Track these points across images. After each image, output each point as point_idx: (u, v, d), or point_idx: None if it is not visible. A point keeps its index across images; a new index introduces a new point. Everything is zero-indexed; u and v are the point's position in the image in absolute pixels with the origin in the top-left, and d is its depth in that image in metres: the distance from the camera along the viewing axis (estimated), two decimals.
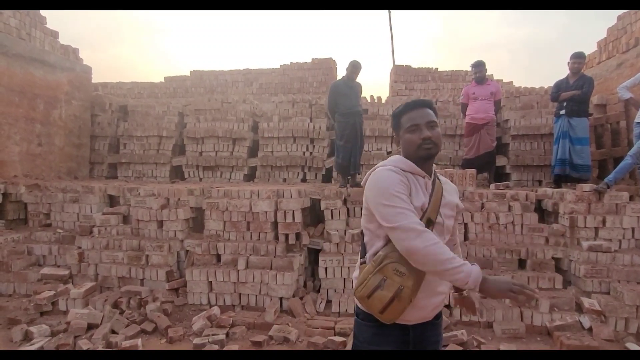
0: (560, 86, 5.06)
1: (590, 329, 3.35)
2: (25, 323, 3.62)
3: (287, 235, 4.32)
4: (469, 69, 10.01)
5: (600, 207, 4.12)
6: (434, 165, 1.56)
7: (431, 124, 1.49)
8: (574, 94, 4.90)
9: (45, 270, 4.31)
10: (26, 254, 4.62)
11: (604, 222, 4.06)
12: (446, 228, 1.50)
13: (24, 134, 5.81)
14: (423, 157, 1.48)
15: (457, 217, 1.66)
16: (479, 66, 5.45)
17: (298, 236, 4.38)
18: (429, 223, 1.43)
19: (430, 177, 1.52)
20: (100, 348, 3.15)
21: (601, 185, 4.17)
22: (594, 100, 5.89)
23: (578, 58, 4.95)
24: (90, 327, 3.50)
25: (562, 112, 5.02)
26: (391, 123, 1.64)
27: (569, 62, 5.00)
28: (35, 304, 3.81)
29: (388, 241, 1.43)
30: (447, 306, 3.71)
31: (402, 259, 1.37)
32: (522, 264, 4.11)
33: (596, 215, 4.09)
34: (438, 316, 1.57)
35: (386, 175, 1.44)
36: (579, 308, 3.61)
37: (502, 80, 9.47)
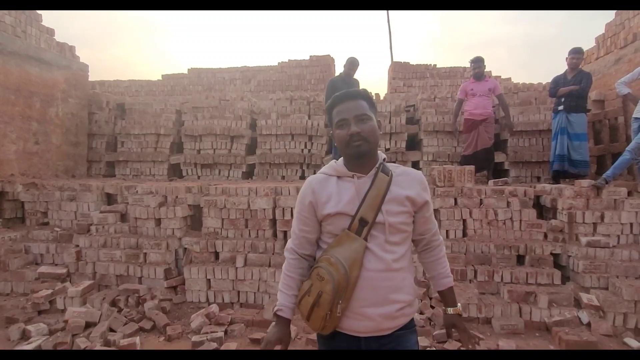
0: (558, 82, 5.06)
1: (588, 325, 3.35)
2: (23, 322, 3.61)
3: (285, 233, 4.31)
4: (468, 65, 10.15)
5: (599, 203, 4.12)
6: (380, 156, 1.43)
7: (361, 117, 1.36)
8: (572, 90, 4.90)
9: (43, 269, 4.29)
10: (23, 253, 4.60)
11: (602, 217, 4.05)
12: (391, 226, 1.34)
13: (20, 132, 5.77)
14: (353, 155, 1.37)
15: (423, 212, 1.44)
16: (478, 62, 5.44)
17: None
18: (363, 223, 1.33)
19: (368, 173, 1.38)
20: (98, 346, 3.13)
21: (599, 180, 4.17)
22: (592, 96, 5.88)
23: (576, 54, 4.94)
24: (88, 325, 3.49)
25: (560, 107, 5.01)
26: (326, 117, 1.59)
27: (567, 58, 5.00)
28: (33, 303, 3.80)
29: (324, 247, 1.42)
30: None
31: (327, 264, 1.31)
32: (520, 259, 4.11)
33: (594, 210, 4.08)
34: (406, 326, 1.39)
35: (300, 191, 1.47)
36: (578, 303, 3.62)
37: (500, 77, 9.47)
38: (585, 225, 4.08)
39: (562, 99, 4.98)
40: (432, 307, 3.62)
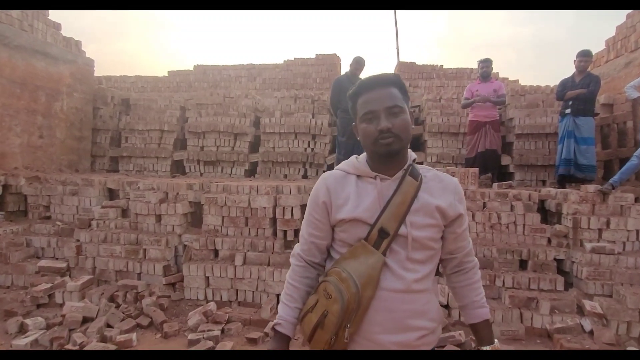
0: (566, 85, 4.97)
1: (591, 332, 3.29)
2: (21, 315, 3.62)
3: (285, 232, 4.28)
4: (474, 67, 10.05)
5: (605, 209, 4.04)
6: (411, 157, 1.23)
7: (394, 110, 1.15)
8: (579, 93, 4.81)
9: (43, 263, 4.31)
10: (25, 246, 4.62)
11: (608, 223, 3.98)
12: (415, 241, 1.14)
13: (25, 125, 5.80)
14: (381, 155, 1.16)
15: (455, 227, 1.22)
16: (487, 62, 5.39)
17: (297, 233, 4.33)
18: (383, 235, 1.13)
19: (394, 175, 1.19)
20: (94, 342, 3.13)
21: (606, 186, 4.09)
22: (600, 100, 5.78)
23: (584, 56, 4.86)
24: (86, 320, 3.49)
25: (568, 111, 4.93)
26: (349, 107, 1.28)
27: (575, 60, 4.91)
28: (32, 296, 3.81)
29: (336, 257, 1.23)
30: (446, 306, 3.66)
31: (337, 278, 1.12)
32: (523, 264, 4.04)
33: (600, 216, 4.01)
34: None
35: (313, 189, 1.27)
36: (580, 311, 3.55)
37: (507, 78, 9.37)
38: (590, 231, 4.01)
39: (570, 102, 4.90)
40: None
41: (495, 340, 1.27)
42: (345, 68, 11.24)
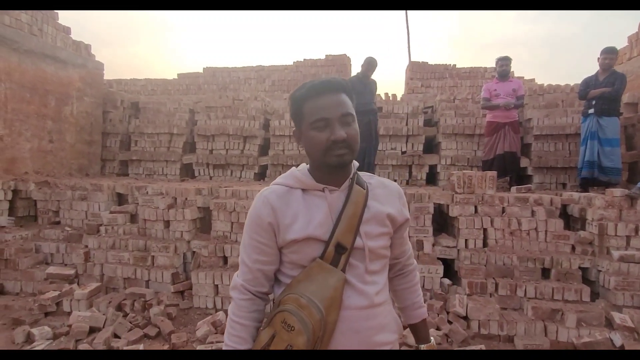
0: (589, 83, 4.75)
1: (622, 348, 3.08)
2: (29, 324, 3.56)
3: None
4: (488, 65, 9.80)
5: (633, 214, 3.82)
6: (355, 165, 1.16)
7: (347, 119, 1.07)
8: (603, 92, 4.59)
9: (51, 270, 4.26)
10: (34, 252, 4.58)
11: (636, 230, 3.76)
12: (371, 252, 1.09)
13: (35, 130, 5.79)
14: (332, 166, 1.07)
15: (401, 232, 1.20)
16: (506, 60, 5.17)
17: None
18: (340, 250, 1.05)
19: (341, 185, 1.11)
20: None
21: (634, 190, 3.87)
22: (624, 99, 5.52)
23: (609, 54, 4.63)
24: (93, 330, 3.41)
25: (591, 111, 4.71)
26: (289, 109, 1.16)
27: (599, 58, 4.69)
28: (40, 305, 3.75)
29: (286, 282, 1.11)
30: (465, 317, 3.49)
31: (296, 306, 1.00)
32: (545, 273, 3.85)
33: (628, 222, 3.79)
34: None
35: (251, 209, 1.13)
36: (609, 323, 3.35)
37: (523, 77, 9.11)
38: (618, 238, 3.80)
39: (593, 102, 4.67)
40: (450, 322, 3.41)
41: (432, 339, 1.30)
42: (355, 69, 11.09)
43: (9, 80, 5.38)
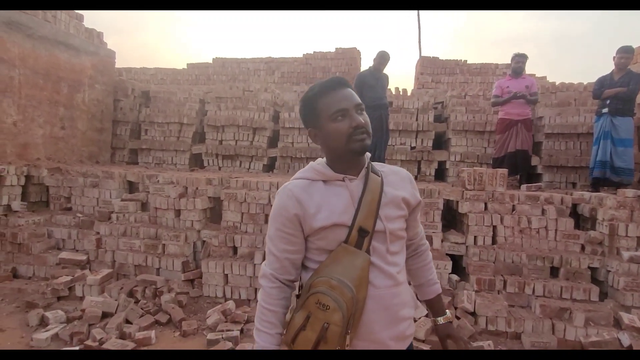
0: (603, 82, 4.70)
1: (629, 348, 3.09)
2: (42, 307, 3.63)
3: None
4: (499, 62, 9.69)
5: None
6: (367, 155, 1.25)
7: (360, 108, 1.18)
8: (618, 92, 4.54)
9: (64, 255, 4.32)
10: (46, 237, 4.65)
11: None
12: (392, 234, 1.19)
13: (47, 117, 5.83)
14: (357, 152, 1.17)
15: (415, 214, 1.30)
16: (522, 57, 5.12)
17: None
18: (363, 234, 1.14)
19: (359, 174, 1.21)
20: (113, 338, 3.10)
21: None
22: (639, 99, 5.47)
23: (625, 53, 4.58)
24: (105, 315, 3.47)
25: (605, 110, 4.67)
26: (300, 113, 1.27)
27: (614, 57, 4.64)
28: (53, 289, 3.81)
29: (314, 267, 1.19)
30: (472, 313, 3.51)
31: (328, 287, 1.09)
32: (554, 272, 3.86)
33: (639, 224, 3.78)
34: (408, 349, 1.26)
35: (276, 202, 1.21)
36: (618, 324, 3.35)
37: (535, 75, 9.01)
38: (628, 239, 3.79)
39: (607, 101, 4.63)
40: (458, 317, 3.43)
41: (447, 311, 1.41)
42: (365, 62, 11.05)
43: (23, 66, 5.41)
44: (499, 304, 3.49)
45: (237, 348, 2.99)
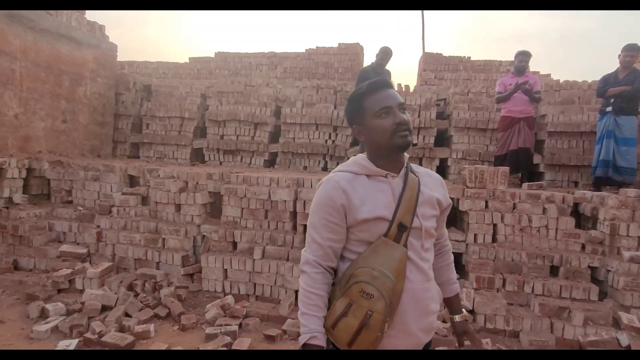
0: (608, 81, 4.66)
1: (628, 348, 3.09)
2: (42, 300, 3.66)
3: (305, 226, 4.17)
4: (503, 59, 9.63)
5: None
6: (406, 157, 1.33)
7: (403, 106, 1.27)
8: (623, 90, 4.50)
9: (64, 248, 4.34)
10: (47, 230, 4.66)
11: None
12: (426, 231, 1.27)
13: (49, 110, 5.83)
14: (399, 147, 1.24)
15: (443, 215, 1.40)
16: (526, 55, 5.06)
17: None
18: (402, 229, 1.21)
19: (399, 172, 1.28)
20: (113, 331, 3.12)
21: None
22: None
23: (631, 51, 4.52)
24: (105, 308, 3.49)
25: (609, 109, 4.63)
26: (345, 112, 1.37)
27: (619, 55, 4.59)
28: (53, 281, 3.83)
29: (351, 258, 1.26)
30: (471, 311, 3.51)
31: (370, 277, 1.16)
32: (554, 271, 3.85)
33: None
34: (427, 345, 1.33)
35: (321, 192, 1.27)
36: (616, 323, 3.34)
37: (539, 72, 8.95)
38: (629, 239, 3.77)
39: (611, 100, 4.59)
40: None
41: (464, 310, 1.50)
42: (368, 58, 10.99)
43: (25, 58, 5.41)
44: (498, 302, 3.49)
45: (235, 343, 3.00)
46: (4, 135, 5.19)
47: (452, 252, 1.55)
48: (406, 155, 1.33)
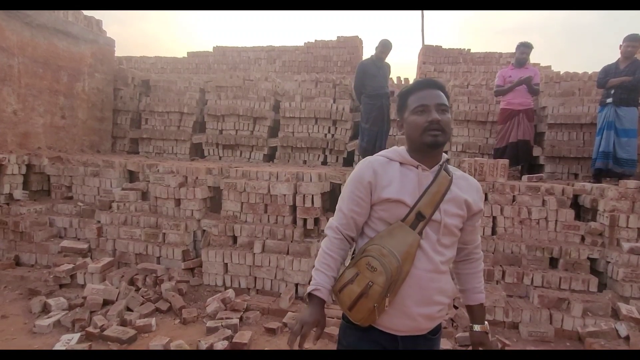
0: (609, 71, 4.63)
1: (627, 338, 3.10)
2: (45, 295, 3.67)
3: (305, 220, 4.19)
4: (503, 51, 9.56)
5: None
6: (445, 156, 1.39)
7: (442, 107, 1.31)
8: (624, 81, 4.47)
9: (65, 243, 4.35)
10: (48, 226, 4.68)
11: None
12: (445, 227, 1.30)
13: (47, 106, 5.82)
14: (428, 145, 1.29)
15: (473, 221, 1.41)
16: (527, 47, 5.02)
17: (316, 221, 4.24)
18: (420, 218, 1.28)
19: (432, 168, 1.34)
20: (114, 325, 3.14)
21: None
22: None
23: (632, 41, 4.49)
24: (106, 302, 3.51)
25: (609, 100, 4.60)
26: (397, 104, 1.45)
27: (621, 45, 4.55)
28: (55, 276, 3.85)
29: (370, 235, 1.37)
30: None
31: (379, 254, 1.25)
32: (553, 263, 3.86)
33: None
34: (434, 331, 1.39)
35: (355, 170, 1.39)
36: (615, 314, 3.36)
37: (539, 64, 8.90)
38: (629, 230, 3.77)
39: (612, 91, 4.57)
40: (455, 307, 3.45)
41: (486, 322, 1.49)
42: (367, 51, 10.92)
43: (22, 54, 5.38)
44: (497, 294, 3.50)
45: (236, 336, 3.01)
46: (3, 132, 5.19)
47: None
48: (446, 155, 1.39)
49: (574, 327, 3.28)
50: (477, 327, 1.47)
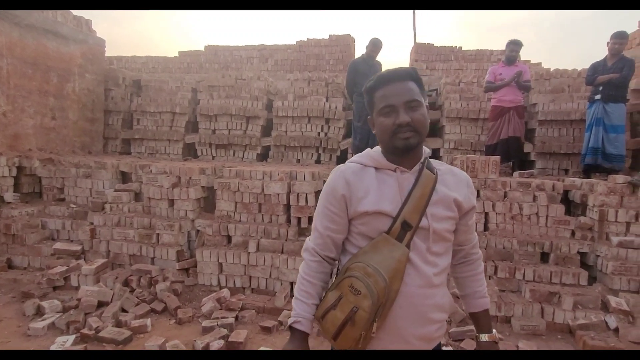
0: (597, 68, 4.70)
1: (616, 330, 3.17)
2: (38, 297, 3.65)
3: (299, 219, 4.21)
4: (494, 48, 9.64)
5: (634, 201, 3.85)
6: (425, 151, 1.22)
7: (412, 104, 1.14)
8: (611, 78, 4.54)
9: (58, 245, 4.32)
10: (40, 228, 4.64)
11: (637, 217, 3.80)
12: (435, 234, 1.16)
13: (37, 107, 5.76)
14: (399, 149, 1.15)
15: (467, 219, 1.26)
16: (517, 45, 5.08)
17: (311, 220, 4.25)
18: (406, 228, 1.13)
19: (412, 168, 1.18)
20: (110, 326, 3.13)
21: (636, 177, 3.90)
22: (631, 85, 5.46)
23: (619, 38, 4.56)
24: (101, 304, 3.49)
25: (597, 97, 4.67)
26: (365, 101, 1.28)
27: (608, 43, 4.62)
28: (48, 279, 3.83)
29: (353, 252, 1.22)
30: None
31: (363, 273, 1.10)
32: (544, 257, 3.92)
33: (629, 209, 3.83)
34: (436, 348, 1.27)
35: (328, 181, 1.24)
36: (605, 307, 3.43)
37: (530, 61, 8.99)
38: (618, 224, 3.84)
39: (600, 88, 4.63)
40: None
41: (494, 330, 1.33)
42: (359, 49, 10.93)
43: (11, 55, 5.32)
44: (490, 289, 3.54)
45: (232, 335, 3.03)
46: None
47: None
48: (427, 150, 1.24)
49: (564, 320, 3.34)
50: (484, 337, 1.30)
